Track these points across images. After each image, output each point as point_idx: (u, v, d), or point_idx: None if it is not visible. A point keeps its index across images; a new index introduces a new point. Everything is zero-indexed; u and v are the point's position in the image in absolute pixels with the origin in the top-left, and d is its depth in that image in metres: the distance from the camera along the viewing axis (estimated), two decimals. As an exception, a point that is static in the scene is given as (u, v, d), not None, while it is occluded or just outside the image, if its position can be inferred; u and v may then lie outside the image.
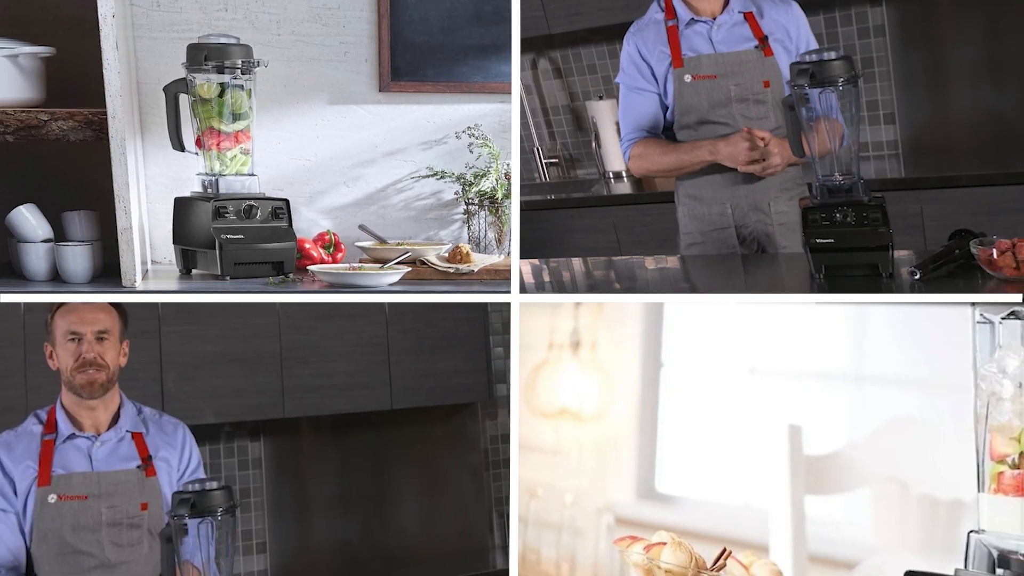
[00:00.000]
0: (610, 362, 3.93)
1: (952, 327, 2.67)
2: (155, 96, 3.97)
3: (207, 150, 3.83)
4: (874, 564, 2.95)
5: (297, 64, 4.20)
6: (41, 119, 3.61)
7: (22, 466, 2.86)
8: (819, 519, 3.15)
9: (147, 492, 2.92)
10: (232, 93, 3.77)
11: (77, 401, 2.97)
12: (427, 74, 4.31)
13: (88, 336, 3.00)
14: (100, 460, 2.93)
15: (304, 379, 4.41)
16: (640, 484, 3.94)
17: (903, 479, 2.98)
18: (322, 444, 4.73)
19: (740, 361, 3.65)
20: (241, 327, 4.31)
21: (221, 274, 3.71)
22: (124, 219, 3.53)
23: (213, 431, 4.46)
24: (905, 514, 3.08)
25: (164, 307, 4.12)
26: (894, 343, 3.24)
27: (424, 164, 4.35)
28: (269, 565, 4.57)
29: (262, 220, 3.79)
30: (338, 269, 3.75)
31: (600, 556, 3.78)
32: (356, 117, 4.28)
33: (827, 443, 3.17)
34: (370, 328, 4.55)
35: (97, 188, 3.72)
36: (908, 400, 3.16)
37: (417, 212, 4.37)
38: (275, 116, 4.18)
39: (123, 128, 3.47)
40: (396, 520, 4.85)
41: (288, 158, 4.24)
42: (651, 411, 3.89)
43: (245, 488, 4.53)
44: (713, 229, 3.96)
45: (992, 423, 2.07)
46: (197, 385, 4.21)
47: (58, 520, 2.81)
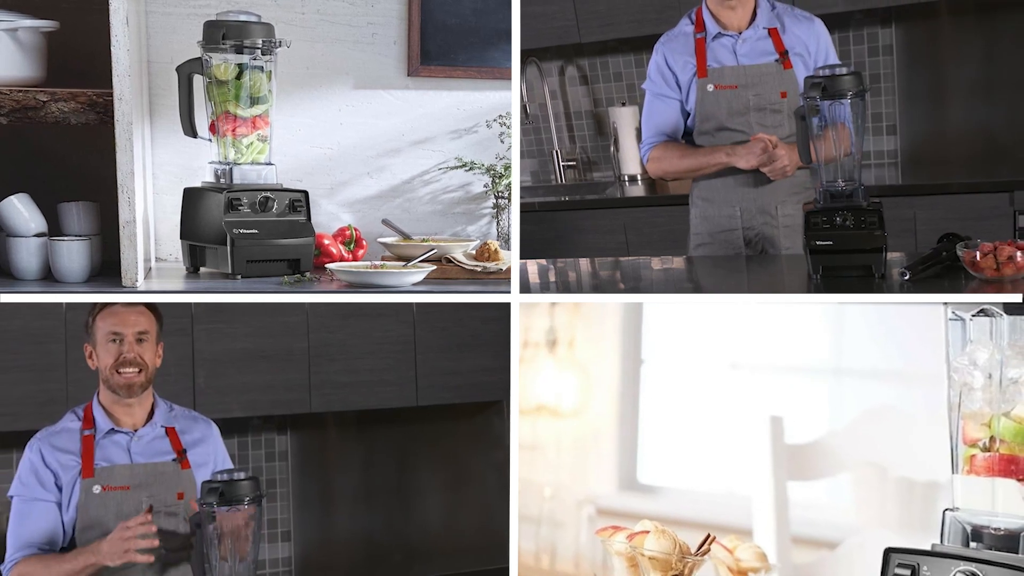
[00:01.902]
0: (588, 359, 4.08)
1: (926, 324, 2.85)
2: (167, 77, 3.88)
3: (221, 136, 3.71)
4: (855, 543, 3.14)
5: (321, 45, 4.10)
6: (39, 100, 3.50)
7: (65, 459, 3.04)
8: (801, 503, 3.30)
9: (183, 483, 3.09)
10: (251, 75, 3.67)
11: (115, 399, 3.12)
12: (458, 58, 4.23)
13: (128, 337, 3.12)
14: (138, 453, 3.11)
15: (331, 375, 4.45)
16: (622, 476, 4.08)
17: (882, 463, 3.19)
18: (347, 439, 4.78)
19: (721, 357, 3.82)
20: (270, 325, 4.34)
21: (232, 273, 3.60)
22: (127, 211, 3.40)
23: (242, 424, 4.55)
24: (884, 496, 3.30)
25: (196, 307, 4.19)
26: (871, 339, 3.49)
27: (453, 154, 4.27)
28: (293, 553, 4.67)
29: (278, 213, 3.68)
30: (358, 268, 3.66)
31: (581, 547, 3.91)
32: (382, 103, 4.19)
33: (808, 432, 3.33)
34: (397, 327, 4.55)
35: (98, 177, 3.64)
36: (886, 391, 3.42)
37: (444, 206, 4.29)
38: (296, 101, 4.09)
39: (130, 111, 3.37)
40: (419, 514, 4.88)
41: (308, 146, 4.14)
42: (632, 406, 4.07)
43: (272, 479, 4.63)
44: (721, 231, 4.15)
45: (965, 411, 2.23)
46: (227, 381, 4.27)
47: (103, 509, 3.01)
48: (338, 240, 3.98)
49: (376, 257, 4.00)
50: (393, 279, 3.54)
